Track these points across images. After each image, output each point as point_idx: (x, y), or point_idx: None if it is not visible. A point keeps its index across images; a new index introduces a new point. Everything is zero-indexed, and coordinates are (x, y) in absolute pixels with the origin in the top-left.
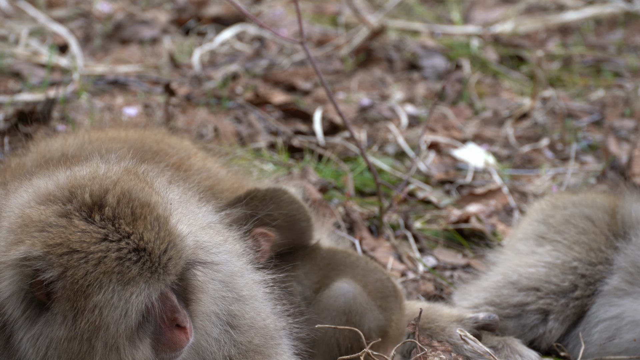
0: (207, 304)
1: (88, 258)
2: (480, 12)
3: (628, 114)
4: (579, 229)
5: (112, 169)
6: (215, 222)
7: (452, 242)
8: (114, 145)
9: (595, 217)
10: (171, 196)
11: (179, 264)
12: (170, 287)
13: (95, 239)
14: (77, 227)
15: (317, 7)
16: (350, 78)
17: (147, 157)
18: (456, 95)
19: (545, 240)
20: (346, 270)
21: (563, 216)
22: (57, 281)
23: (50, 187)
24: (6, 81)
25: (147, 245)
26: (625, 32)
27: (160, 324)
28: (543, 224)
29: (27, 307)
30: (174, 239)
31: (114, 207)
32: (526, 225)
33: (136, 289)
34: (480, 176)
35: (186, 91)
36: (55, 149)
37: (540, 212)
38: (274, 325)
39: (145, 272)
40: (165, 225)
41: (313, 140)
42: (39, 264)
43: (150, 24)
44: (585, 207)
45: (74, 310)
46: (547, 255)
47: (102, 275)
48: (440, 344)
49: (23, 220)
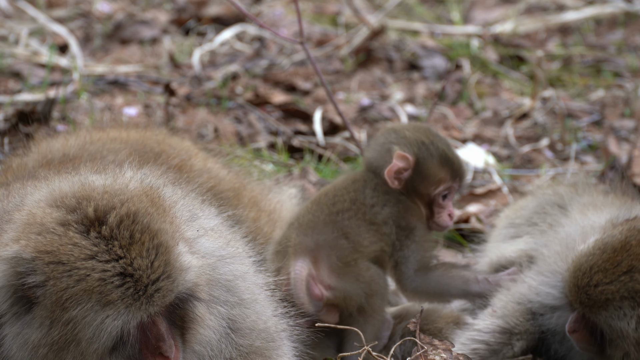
0: (206, 335)
1: (72, 272)
2: (480, 12)
3: (628, 114)
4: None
5: (129, 185)
6: (218, 224)
7: (452, 242)
8: (115, 145)
9: (560, 202)
10: (190, 224)
11: (167, 296)
12: (165, 313)
13: (84, 255)
14: (70, 240)
15: (317, 7)
16: (350, 78)
17: (149, 158)
18: (456, 95)
19: (519, 236)
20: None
21: (529, 211)
22: (39, 287)
23: (63, 191)
24: (6, 81)
25: (136, 272)
26: (625, 32)
27: (143, 349)
28: (512, 227)
29: (15, 303)
30: (170, 271)
31: (113, 227)
32: (496, 234)
33: (114, 312)
34: (480, 176)
35: (186, 91)
36: (56, 149)
37: (505, 219)
38: (275, 327)
39: (127, 298)
40: (164, 255)
41: (313, 140)
42: (25, 267)
43: (150, 24)
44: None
45: (51, 318)
46: (523, 243)
47: (82, 292)
48: (441, 343)
49: (28, 218)
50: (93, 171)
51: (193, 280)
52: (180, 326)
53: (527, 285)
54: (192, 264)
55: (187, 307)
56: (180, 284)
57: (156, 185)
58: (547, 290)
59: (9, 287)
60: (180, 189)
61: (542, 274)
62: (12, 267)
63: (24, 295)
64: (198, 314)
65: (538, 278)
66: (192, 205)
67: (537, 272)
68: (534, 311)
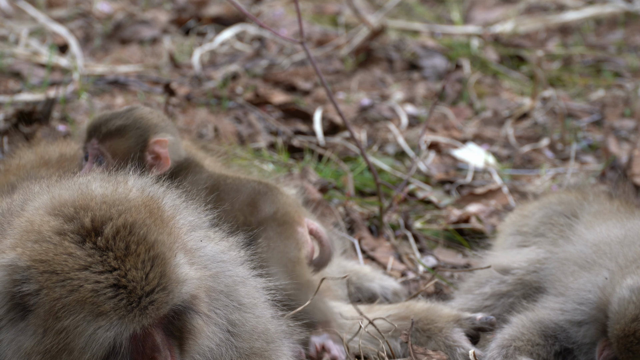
0: (204, 344)
1: (65, 283)
2: (480, 12)
3: (628, 114)
4: (557, 226)
5: (129, 195)
6: (216, 230)
7: (452, 242)
8: None
9: (567, 212)
10: (190, 235)
11: (162, 309)
12: (162, 323)
13: (79, 265)
14: (65, 250)
15: (317, 7)
16: (350, 78)
17: None
18: (456, 95)
19: (526, 245)
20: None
21: (536, 220)
22: (33, 295)
23: (63, 199)
24: (6, 81)
25: (129, 283)
26: (625, 32)
27: (137, 358)
28: (519, 234)
29: (11, 309)
30: (166, 283)
31: (109, 238)
32: (502, 240)
33: (106, 323)
34: (480, 176)
35: (186, 91)
36: (52, 149)
37: (512, 225)
38: (274, 329)
39: (120, 309)
40: (159, 266)
41: (313, 140)
42: (20, 275)
43: (150, 24)
44: (555, 205)
45: (44, 327)
46: (534, 253)
47: (75, 302)
48: (435, 353)
49: (26, 225)
50: (96, 177)
51: (190, 292)
52: (178, 336)
53: (548, 308)
54: (189, 276)
55: (185, 318)
56: (176, 296)
57: (157, 196)
58: (574, 307)
59: (5, 293)
60: (182, 196)
61: (562, 294)
62: (9, 274)
63: (20, 303)
64: (196, 326)
65: (559, 298)
66: (194, 214)
67: (557, 293)
68: (555, 332)
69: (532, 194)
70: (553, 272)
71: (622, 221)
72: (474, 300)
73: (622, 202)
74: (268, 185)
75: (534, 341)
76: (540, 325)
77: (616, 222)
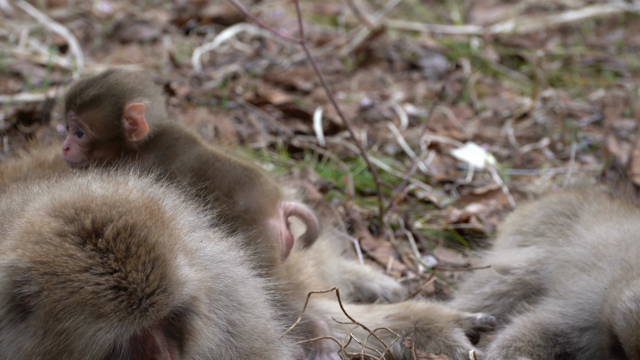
0: (204, 345)
1: (65, 285)
2: (480, 12)
3: (628, 114)
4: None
5: (130, 196)
6: (216, 230)
7: (452, 242)
8: None
9: (567, 212)
10: (191, 236)
11: (162, 310)
12: (162, 325)
13: (79, 267)
14: (65, 251)
15: (317, 7)
16: (350, 78)
17: None
18: (456, 95)
19: (526, 245)
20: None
21: (536, 220)
22: (33, 297)
23: (64, 200)
24: (6, 81)
25: (130, 285)
26: (625, 32)
27: (137, 359)
28: (519, 234)
29: (11, 310)
30: (166, 284)
31: (109, 240)
32: (502, 240)
33: (106, 325)
34: (480, 176)
35: (186, 91)
36: (48, 150)
37: (512, 225)
38: (274, 329)
39: (121, 311)
40: (160, 268)
41: (313, 140)
42: (20, 276)
43: (150, 24)
44: (555, 205)
45: (44, 328)
46: (533, 253)
47: (75, 304)
48: (438, 357)
49: (27, 226)
50: (96, 178)
51: (190, 294)
52: (178, 337)
53: (549, 310)
54: (189, 277)
55: (185, 319)
56: (176, 298)
57: (157, 197)
58: (575, 312)
59: (6, 295)
60: (182, 196)
61: (562, 296)
62: (9, 275)
63: (20, 304)
64: (196, 327)
65: (559, 301)
66: (194, 214)
67: (557, 295)
68: (556, 334)
69: (532, 194)
70: (553, 273)
71: (622, 223)
72: (474, 300)
73: (623, 202)
74: (250, 174)
75: (534, 342)
76: (541, 327)
77: (615, 224)
